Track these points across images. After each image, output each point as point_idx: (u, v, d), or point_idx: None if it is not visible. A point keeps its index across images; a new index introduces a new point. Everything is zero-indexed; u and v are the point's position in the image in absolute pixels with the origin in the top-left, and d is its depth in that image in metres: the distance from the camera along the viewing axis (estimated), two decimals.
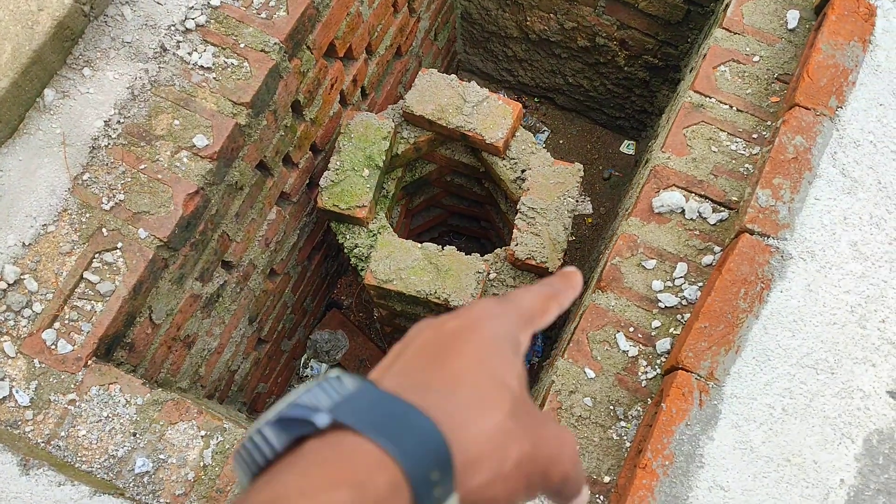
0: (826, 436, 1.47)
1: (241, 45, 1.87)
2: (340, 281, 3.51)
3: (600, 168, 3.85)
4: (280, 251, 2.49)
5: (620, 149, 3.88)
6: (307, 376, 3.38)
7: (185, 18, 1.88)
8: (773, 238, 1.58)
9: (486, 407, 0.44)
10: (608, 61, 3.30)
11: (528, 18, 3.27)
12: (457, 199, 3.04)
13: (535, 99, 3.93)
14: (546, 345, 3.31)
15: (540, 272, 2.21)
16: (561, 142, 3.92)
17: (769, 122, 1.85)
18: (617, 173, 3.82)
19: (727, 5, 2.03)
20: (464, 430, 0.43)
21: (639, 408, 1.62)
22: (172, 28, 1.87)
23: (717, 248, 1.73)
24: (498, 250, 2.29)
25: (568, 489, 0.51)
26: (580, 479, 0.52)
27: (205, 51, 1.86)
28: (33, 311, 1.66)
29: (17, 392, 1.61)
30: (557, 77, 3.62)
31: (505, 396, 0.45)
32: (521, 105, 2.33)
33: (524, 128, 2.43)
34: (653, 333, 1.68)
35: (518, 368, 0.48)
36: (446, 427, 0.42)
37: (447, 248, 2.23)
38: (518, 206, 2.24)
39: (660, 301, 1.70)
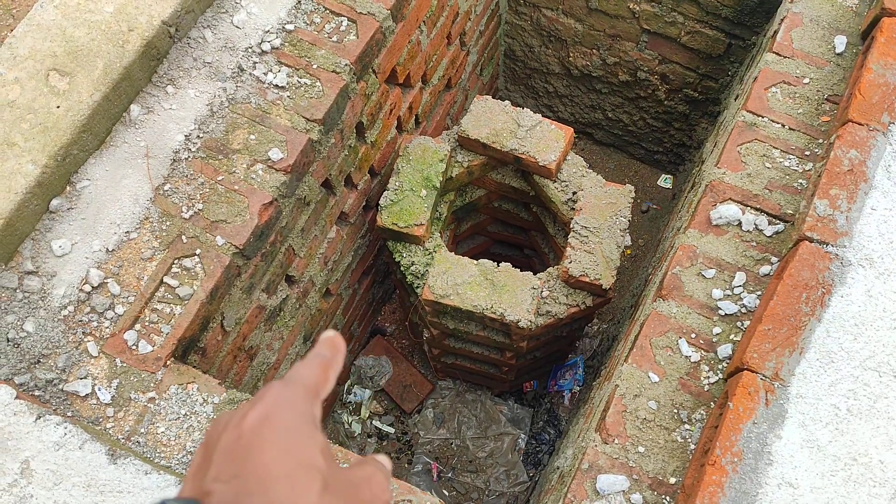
0: (891, 436, 1.50)
1: (314, 66, 1.98)
2: (385, 308, 3.57)
3: (638, 201, 3.91)
4: (336, 271, 2.57)
5: (658, 183, 3.95)
6: (350, 402, 3.43)
7: (262, 41, 1.99)
8: (832, 245, 1.63)
9: (300, 494, 0.49)
10: (648, 95, 3.39)
11: (571, 54, 3.38)
12: (502, 225, 3.12)
13: (574, 134, 4.02)
14: (587, 373, 3.34)
15: (593, 289, 2.26)
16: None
17: (821, 140, 1.91)
18: (655, 206, 3.89)
19: (776, 32, 2.11)
20: None
21: (702, 411, 1.65)
22: (249, 50, 1.98)
23: (773, 259, 1.78)
24: (551, 269, 2.35)
25: None
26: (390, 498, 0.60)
27: (279, 71, 1.97)
28: (116, 313, 1.74)
29: (99, 390, 1.68)
30: (597, 112, 3.72)
31: (314, 476, 0.50)
32: (572, 129, 2.41)
33: None
34: (714, 339, 1.72)
35: (320, 441, 0.53)
36: None
37: (502, 264, 2.30)
38: (571, 225, 2.30)
39: (720, 308, 1.74)
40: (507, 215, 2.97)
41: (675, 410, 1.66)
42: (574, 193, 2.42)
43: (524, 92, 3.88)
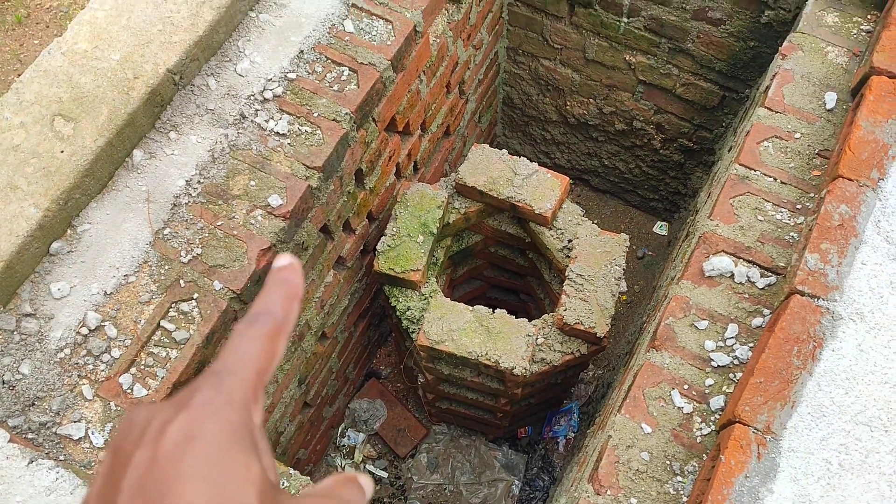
0: (882, 492, 1.50)
1: (315, 115, 2.02)
2: (380, 351, 3.57)
3: (634, 248, 3.94)
4: (332, 314, 2.58)
5: (653, 229, 3.98)
6: (344, 445, 3.41)
7: (264, 89, 2.03)
8: (822, 299, 1.65)
9: None
10: (644, 144, 3.44)
11: (568, 103, 3.44)
12: (499, 270, 3.14)
13: (571, 181, 4.07)
14: (582, 420, 3.33)
15: (588, 338, 2.28)
16: (595, 222, 4.02)
17: (812, 194, 1.95)
18: (650, 253, 3.91)
19: (768, 87, 2.15)
20: None
21: (694, 463, 1.66)
22: (252, 98, 2.02)
23: (766, 311, 1.80)
24: (546, 316, 2.37)
25: None
26: None
27: (281, 118, 2.00)
28: (112, 357, 1.75)
29: (92, 433, 1.68)
30: (593, 159, 3.77)
31: None
32: (568, 179, 2.45)
33: None
34: (706, 391, 1.73)
35: (255, 474, 0.42)
36: None
37: (497, 311, 2.31)
38: (566, 273, 2.32)
39: (712, 360, 1.76)
40: (503, 261, 2.99)
41: (668, 462, 1.66)
42: (569, 241, 2.45)
43: (522, 139, 3.94)
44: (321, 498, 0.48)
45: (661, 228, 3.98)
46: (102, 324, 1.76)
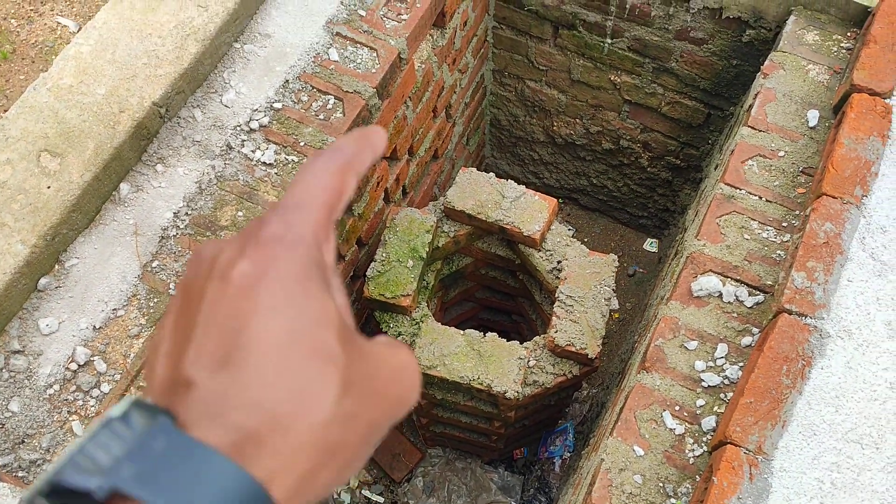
0: None
1: (301, 144, 2.02)
2: None
3: (625, 265, 3.96)
4: None
5: (644, 247, 4.00)
6: None
7: (250, 120, 2.04)
8: (810, 318, 1.66)
9: (312, 404, 0.37)
10: (632, 163, 3.46)
11: (555, 124, 3.46)
12: (490, 292, 3.14)
13: (560, 200, 4.08)
14: (577, 439, 3.32)
15: (579, 359, 2.28)
16: (585, 240, 4.05)
17: (797, 212, 1.96)
18: (641, 270, 3.92)
19: (751, 106, 2.17)
20: (290, 463, 0.36)
21: (688, 485, 1.65)
22: (238, 128, 2.02)
23: (755, 330, 1.81)
24: (537, 338, 2.37)
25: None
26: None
27: (267, 148, 2.01)
28: (101, 391, 1.74)
29: None
30: (582, 178, 3.79)
31: (330, 373, 0.38)
32: (556, 200, 2.46)
33: None
34: (697, 412, 1.73)
35: (332, 313, 0.39)
36: (265, 468, 0.35)
37: (489, 334, 2.31)
38: (556, 295, 2.33)
39: (703, 380, 1.76)
40: (494, 282, 3.00)
41: (661, 484, 1.66)
42: (559, 262, 2.45)
43: (510, 159, 3.95)
44: (389, 347, 0.44)
45: (650, 245, 4.00)
46: (92, 359, 1.76)
